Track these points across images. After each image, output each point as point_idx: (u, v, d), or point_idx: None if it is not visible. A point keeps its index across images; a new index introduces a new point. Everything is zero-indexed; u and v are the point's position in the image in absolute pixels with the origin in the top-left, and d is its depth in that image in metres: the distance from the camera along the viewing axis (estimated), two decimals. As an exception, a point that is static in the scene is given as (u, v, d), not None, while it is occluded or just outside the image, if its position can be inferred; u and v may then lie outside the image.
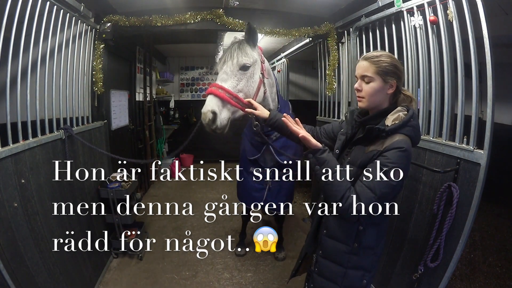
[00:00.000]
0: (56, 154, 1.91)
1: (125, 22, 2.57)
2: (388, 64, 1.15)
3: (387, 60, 1.16)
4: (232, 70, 1.74)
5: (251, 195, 2.50)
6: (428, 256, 1.64)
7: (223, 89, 1.65)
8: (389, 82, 1.16)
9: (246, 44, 1.83)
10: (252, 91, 1.80)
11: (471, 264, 2.65)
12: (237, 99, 1.68)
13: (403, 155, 1.07)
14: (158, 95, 5.77)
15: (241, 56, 1.76)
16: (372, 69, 1.16)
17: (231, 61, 1.75)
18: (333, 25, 2.86)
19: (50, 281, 1.73)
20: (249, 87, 1.78)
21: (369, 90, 1.18)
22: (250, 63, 1.78)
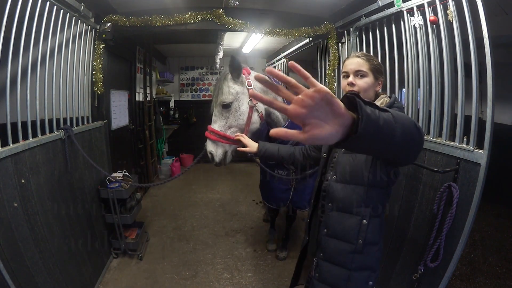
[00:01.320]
0: (56, 154, 1.91)
1: (125, 22, 2.57)
2: (378, 64, 1.22)
3: (377, 60, 1.23)
4: (218, 110, 1.90)
5: (276, 197, 2.52)
6: (428, 256, 1.64)
7: (213, 131, 1.87)
8: (378, 80, 1.23)
9: (227, 79, 1.93)
10: (242, 123, 1.91)
11: (471, 264, 2.66)
12: (226, 137, 1.87)
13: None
14: (158, 95, 5.77)
15: (221, 95, 1.89)
16: (367, 65, 1.19)
17: (215, 102, 1.92)
18: (333, 25, 2.85)
19: (50, 281, 1.73)
20: (238, 121, 1.90)
21: (363, 84, 1.19)
22: (230, 100, 1.88)
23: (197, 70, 6.46)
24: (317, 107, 0.54)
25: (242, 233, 3.33)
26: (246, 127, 1.92)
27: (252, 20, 2.80)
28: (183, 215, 3.76)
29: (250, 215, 3.78)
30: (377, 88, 1.23)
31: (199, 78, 6.49)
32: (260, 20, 2.84)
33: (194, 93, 6.47)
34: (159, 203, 4.17)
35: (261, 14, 2.89)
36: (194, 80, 6.48)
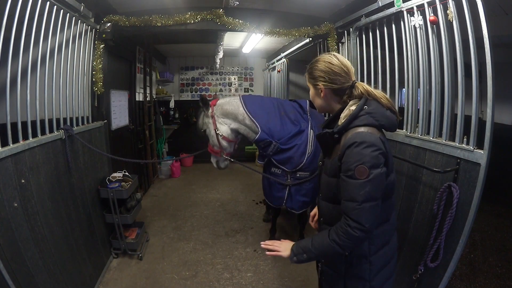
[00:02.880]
0: (56, 154, 1.91)
1: (125, 22, 2.57)
2: (315, 70, 1.17)
3: (315, 66, 1.17)
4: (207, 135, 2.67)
5: (274, 195, 2.62)
6: (428, 256, 1.64)
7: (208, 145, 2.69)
8: (318, 87, 1.17)
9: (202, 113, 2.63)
10: (215, 143, 2.59)
11: (471, 264, 2.66)
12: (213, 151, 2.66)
13: (359, 150, 1.00)
14: (158, 95, 5.77)
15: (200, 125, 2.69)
16: (307, 78, 1.23)
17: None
18: (333, 25, 2.85)
19: (50, 281, 1.73)
20: (213, 142, 2.60)
21: (310, 97, 1.26)
22: (204, 128, 2.64)
23: (197, 70, 6.46)
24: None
25: (242, 233, 3.33)
26: (219, 146, 2.57)
27: (252, 20, 2.80)
28: (183, 215, 3.76)
29: (250, 215, 3.78)
30: (321, 94, 1.17)
31: (199, 78, 6.49)
32: (260, 20, 2.84)
33: (194, 93, 6.48)
34: (159, 203, 4.17)
35: (261, 14, 2.89)
36: (194, 80, 6.48)
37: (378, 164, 1.00)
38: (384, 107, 1.10)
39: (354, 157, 1.01)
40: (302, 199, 2.53)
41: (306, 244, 1.13)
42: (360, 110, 1.07)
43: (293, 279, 2.52)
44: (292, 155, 2.40)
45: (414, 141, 1.87)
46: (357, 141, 1.01)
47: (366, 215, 0.99)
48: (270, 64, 5.69)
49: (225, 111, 2.51)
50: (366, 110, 1.07)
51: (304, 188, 2.51)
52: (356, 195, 1.00)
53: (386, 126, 1.09)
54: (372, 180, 0.99)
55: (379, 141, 1.03)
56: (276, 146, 2.39)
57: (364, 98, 1.10)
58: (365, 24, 2.40)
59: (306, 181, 2.46)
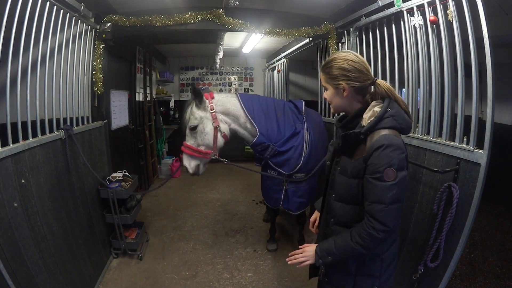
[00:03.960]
0: (56, 154, 1.91)
1: (125, 22, 2.57)
2: (335, 69, 1.13)
3: (334, 65, 1.14)
4: (188, 132, 2.31)
5: (270, 196, 2.60)
6: (428, 256, 1.64)
7: (188, 146, 2.30)
8: (340, 87, 1.14)
9: (192, 105, 2.31)
10: (209, 142, 2.29)
11: (471, 264, 2.66)
12: (198, 151, 2.28)
13: (387, 152, 1.01)
14: (158, 95, 5.77)
15: (187, 120, 2.30)
16: (324, 78, 1.19)
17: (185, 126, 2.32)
18: (333, 25, 2.85)
19: (50, 281, 1.73)
20: (205, 140, 2.28)
21: (327, 97, 1.22)
22: (195, 124, 2.26)
23: (197, 70, 6.47)
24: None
25: (242, 233, 3.33)
26: (214, 145, 2.29)
27: (252, 20, 2.80)
28: (183, 215, 3.76)
29: (250, 215, 3.78)
30: (344, 94, 1.14)
31: (199, 78, 6.50)
32: (260, 20, 2.84)
33: (194, 93, 6.47)
34: (159, 203, 4.17)
35: (261, 14, 2.89)
36: (194, 80, 6.48)
37: (403, 166, 1.03)
38: (403, 110, 1.11)
39: (383, 160, 1.01)
40: (299, 200, 2.52)
41: (329, 247, 1.14)
42: (385, 112, 1.07)
43: (293, 279, 2.52)
44: (289, 157, 2.38)
45: (414, 141, 1.87)
46: (385, 143, 1.01)
47: (392, 216, 1.02)
48: (270, 64, 5.69)
49: (227, 109, 2.34)
50: (390, 112, 1.07)
51: (300, 190, 2.50)
52: (384, 197, 1.01)
53: (405, 129, 1.10)
54: (399, 183, 1.01)
55: (403, 144, 1.05)
56: (273, 149, 2.34)
57: (387, 100, 1.10)
58: (365, 24, 2.40)
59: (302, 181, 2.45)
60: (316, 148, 2.46)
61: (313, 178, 2.53)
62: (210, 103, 2.29)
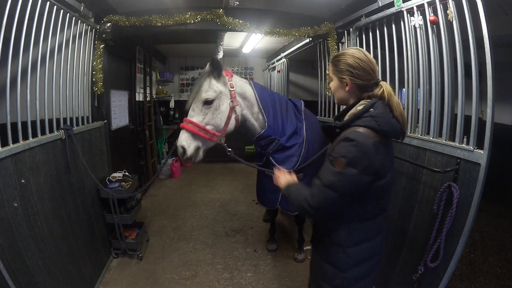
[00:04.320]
0: (56, 154, 1.91)
1: (125, 22, 2.57)
2: (342, 63, 1.17)
3: (342, 60, 1.18)
4: (197, 106, 1.89)
5: (267, 197, 2.54)
6: (428, 256, 1.64)
7: (192, 123, 1.85)
8: (343, 81, 1.18)
9: (210, 77, 1.95)
10: (220, 122, 1.94)
11: (471, 264, 2.66)
12: (205, 131, 1.87)
13: (349, 145, 1.04)
14: (158, 95, 5.77)
15: (202, 92, 1.90)
16: (331, 69, 1.24)
17: (195, 98, 1.90)
18: (333, 25, 2.85)
19: (50, 281, 1.73)
20: (216, 119, 1.92)
21: (332, 89, 1.29)
22: (213, 97, 1.90)
23: (197, 70, 6.46)
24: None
25: (242, 233, 3.33)
26: (224, 127, 1.97)
27: (252, 20, 2.80)
28: (183, 215, 3.76)
29: (250, 215, 3.78)
30: (346, 88, 1.18)
31: (199, 78, 6.49)
32: (260, 20, 2.84)
33: (194, 93, 6.47)
34: (159, 203, 4.17)
35: (261, 14, 2.89)
36: (194, 80, 6.48)
37: (356, 165, 1.03)
38: (391, 114, 1.11)
39: (341, 149, 1.07)
40: None
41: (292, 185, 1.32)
42: (365, 112, 1.09)
43: (293, 279, 2.52)
44: (292, 154, 2.33)
45: (414, 141, 1.87)
46: (350, 137, 1.05)
47: (320, 198, 1.10)
48: (270, 64, 5.69)
49: (244, 93, 2.10)
50: (371, 113, 1.08)
51: None
52: (325, 177, 1.09)
53: (388, 132, 1.10)
54: (343, 175, 1.05)
55: (370, 146, 1.04)
56: (278, 144, 2.25)
57: (373, 101, 1.12)
58: (365, 24, 2.40)
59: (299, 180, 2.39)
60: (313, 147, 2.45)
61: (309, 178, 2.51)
62: (229, 81, 2.03)
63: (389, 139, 1.15)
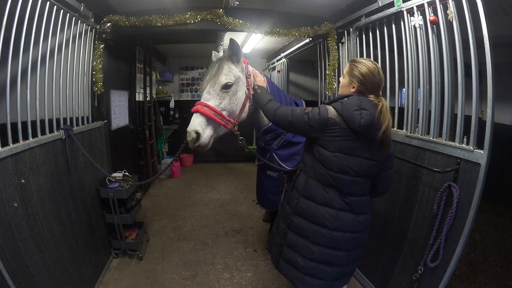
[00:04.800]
0: (56, 154, 1.91)
1: (125, 22, 2.57)
2: (357, 70, 1.42)
3: (359, 67, 1.42)
4: (214, 89, 1.78)
5: (268, 198, 2.46)
6: (428, 256, 1.64)
7: (208, 106, 1.72)
8: (352, 84, 1.44)
9: (229, 61, 1.86)
10: (236, 109, 1.84)
11: (471, 264, 2.66)
12: (221, 116, 1.75)
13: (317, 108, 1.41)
14: (158, 95, 5.77)
15: (222, 75, 1.79)
16: (347, 69, 1.48)
17: (213, 81, 1.79)
18: (333, 25, 2.85)
19: (50, 281, 1.73)
20: (232, 105, 1.82)
21: (340, 83, 1.54)
22: (232, 82, 1.81)
23: (197, 70, 6.46)
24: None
25: (242, 233, 3.33)
26: (239, 114, 1.88)
27: (252, 20, 2.80)
28: (183, 215, 3.76)
29: (250, 215, 3.78)
30: (352, 90, 1.44)
31: (199, 78, 6.49)
32: (260, 20, 2.83)
33: (194, 93, 6.47)
34: (159, 203, 4.17)
35: (261, 14, 2.88)
36: (194, 80, 6.48)
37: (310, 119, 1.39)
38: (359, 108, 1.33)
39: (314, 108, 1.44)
40: None
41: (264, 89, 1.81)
42: (340, 99, 1.40)
43: (293, 279, 2.52)
44: (297, 152, 2.24)
45: (414, 141, 1.87)
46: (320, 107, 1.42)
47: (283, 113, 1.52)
48: (270, 64, 5.69)
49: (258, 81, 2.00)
50: (342, 101, 1.38)
51: None
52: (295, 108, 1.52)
53: (345, 118, 1.34)
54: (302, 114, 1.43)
55: (325, 113, 1.37)
56: (283, 139, 2.17)
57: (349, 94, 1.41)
58: (365, 24, 2.40)
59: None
60: None
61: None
62: (246, 68, 1.95)
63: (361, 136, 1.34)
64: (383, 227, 2.12)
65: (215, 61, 1.92)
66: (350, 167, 1.38)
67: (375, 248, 2.17)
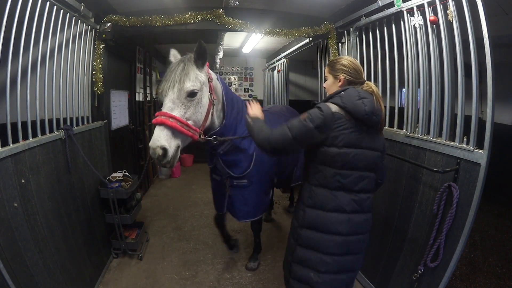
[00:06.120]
0: (56, 154, 1.91)
1: (125, 22, 2.57)
2: (338, 64, 1.47)
3: (338, 62, 1.48)
4: (178, 97, 1.61)
5: (216, 200, 2.44)
6: (428, 256, 1.64)
7: (174, 118, 1.55)
8: (338, 77, 1.47)
9: (193, 65, 1.71)
10: (201, 117, 1.71)
11: (471, 264, 2.65)
12: (188, 126, 1.61)
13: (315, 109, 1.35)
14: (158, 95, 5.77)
15: (188, 81, 1.63)
16: (328, 69, 1.53)
17: (177, 87, 1.62)
18: (333, 25, 2.86)
19: (50, 281, 1.73)
20: (197, 114, 1.69)
21: (326, 85, 1.55)
22: (198, 89, 1.67)
23: (197, 70, 6.44)
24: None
25: (242, 233, 3.33)
26: (203, 122, 1.74)
27: (252, 20, 2.80)
28: (183, 215, 3.76)
29: (250, 215, 3.77)
30: (339, 84, 1.46)
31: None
32: (260, 20, 2.84)
33: (194, 93, 6.46)
34: (159, 203, 4.17)
35: (261, 14, 2.89)
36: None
37: (313, 121, 1.31)
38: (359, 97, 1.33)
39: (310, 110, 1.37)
40: (244, 209, 2.26)
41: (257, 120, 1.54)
42: (336, 94, 1.38)
43: (293, 279, 2.52)
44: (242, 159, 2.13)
45: (414, 141, 1.87)
46: (318, 106, 1.36)
47: (278, 134, 1.37)
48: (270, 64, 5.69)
49: (216, 87, 1.89)
50: (340, 94, 1.37)
51: (244, 197, 2.23)
52: (289, 122, 1.38)
53: (349, 109, 1.31)
54: (302, 124, 1.33)
55: (329, 113, 1.31)
56: (230, 144, 2.03)
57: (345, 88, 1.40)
58: (365, 24, 2.40)
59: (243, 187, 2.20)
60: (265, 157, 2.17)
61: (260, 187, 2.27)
62: (208, 73, 1.82)
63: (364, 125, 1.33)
64: (383, 227, 2.12)
65: (175, 63, 1.76)
66: (359, 160, 1.33)
67: (375, 248, 2.17)
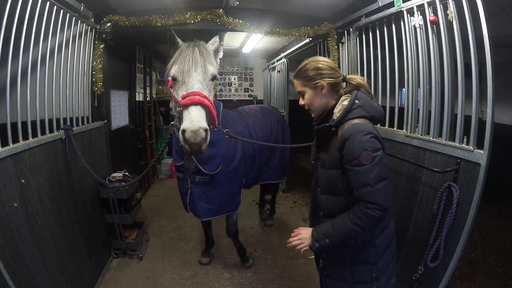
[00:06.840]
0: (56, 154, 1.91)
1: (125, 22, 2.57)
2: (310, 71, 1.22)
3: (309, 68, 1.23)
4: (204, 79, 1.55)
5: (182, 199, 2.36)
6: (428, 256, 1.64)
7: (207, 98, 1.45)
8: (318, 85, 1.22)
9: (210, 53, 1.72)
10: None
11: (471, 264, 2.65)
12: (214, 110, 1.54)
13: (358, 138, 1.08)
14: (158, 95, 5.77)
15: (209, 65, 1.60)
16: (300, 83, 1.26)
17: (201, 69, 1.55)
18: (333, 25, 2.86)
19: (50, 281, 1.73)
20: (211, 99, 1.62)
21: (307, 102, 1.27)
22: (216, 75, 1.65)
23: (197, 70, 6.44)
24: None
25: (242, 233, 3.32)
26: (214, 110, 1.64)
27: (252, 20, 2.80)
28: (183, 215, 3.76)
29: (250, 215, 3.78)
30: (323, 92, 1.22)
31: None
32: (260, 20, 2.84)
33: (194, 93, 6.46)
34: (159, 203, 4.16)
35: (261, 14, 2.89)
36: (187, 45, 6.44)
37: (377, 147, 1.10)
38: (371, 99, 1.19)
39: (355, 146, 1.08)
40: (205, 206, 2.23)
41: (327, 229, 1.17)
42: (353, 104, 1.16)
43: (293, 279, 2.52)
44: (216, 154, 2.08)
45: (414, 141, 1.87)
46: (354, 131, 1.10)
47: (381, 194, 1.07)
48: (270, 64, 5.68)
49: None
50: (358, 104, 1.16)
51: (206, 195, 2.20)
52: (368, 179, 1.07)
53: (376, 117, 1.18)
54: (378, 163, 1.08)
55: (373, 128, 1.13)
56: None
57: (354, 93, 1.19)
58: (365, 24, 2.40)
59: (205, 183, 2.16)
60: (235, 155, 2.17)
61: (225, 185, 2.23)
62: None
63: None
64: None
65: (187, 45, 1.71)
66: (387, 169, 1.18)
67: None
